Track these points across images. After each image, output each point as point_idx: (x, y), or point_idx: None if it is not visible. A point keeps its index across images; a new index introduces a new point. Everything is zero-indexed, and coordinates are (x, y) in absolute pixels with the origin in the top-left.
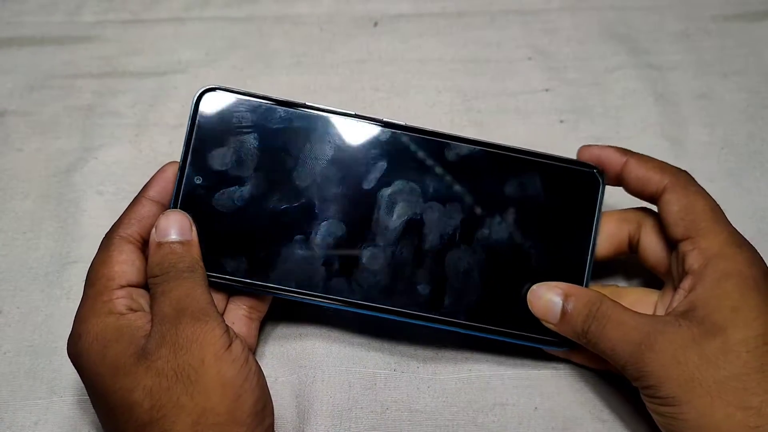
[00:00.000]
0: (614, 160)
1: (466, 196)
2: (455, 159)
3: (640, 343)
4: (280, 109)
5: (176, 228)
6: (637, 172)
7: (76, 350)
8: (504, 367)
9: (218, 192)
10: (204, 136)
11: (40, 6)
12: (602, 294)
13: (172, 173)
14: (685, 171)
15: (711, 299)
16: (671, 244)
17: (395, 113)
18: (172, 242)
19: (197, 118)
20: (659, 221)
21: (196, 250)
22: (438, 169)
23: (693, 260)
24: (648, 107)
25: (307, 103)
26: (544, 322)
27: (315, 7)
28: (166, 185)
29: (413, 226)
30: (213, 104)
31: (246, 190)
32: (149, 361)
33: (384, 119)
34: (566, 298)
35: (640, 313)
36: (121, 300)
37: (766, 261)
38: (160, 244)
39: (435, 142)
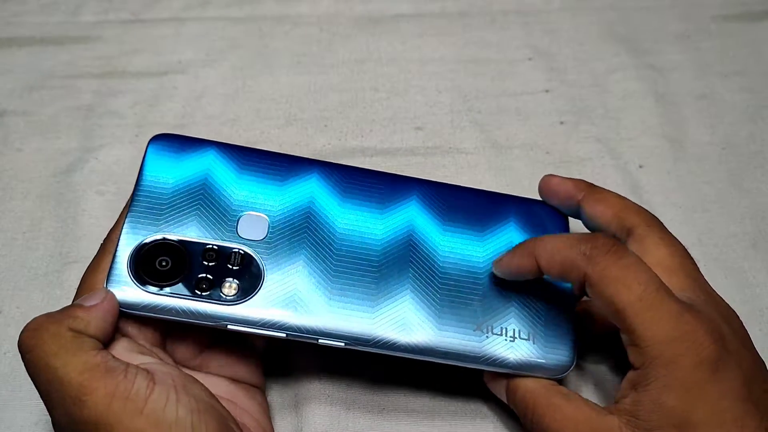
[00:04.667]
0: (571, 195)
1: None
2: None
3: None
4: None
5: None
6: (589, 211)
7: None
8: None
9: None
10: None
11: (40, 6)
12: (544, 390)
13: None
14: (641, 212)
15: (654, 413)
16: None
17: (395, 113)
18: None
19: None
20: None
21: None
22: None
23: (632, 356)
24: (648, 108)
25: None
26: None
27: (315, 7)
28: None
29: None
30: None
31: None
32: None
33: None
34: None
35: (581, 415)
36: None
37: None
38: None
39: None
